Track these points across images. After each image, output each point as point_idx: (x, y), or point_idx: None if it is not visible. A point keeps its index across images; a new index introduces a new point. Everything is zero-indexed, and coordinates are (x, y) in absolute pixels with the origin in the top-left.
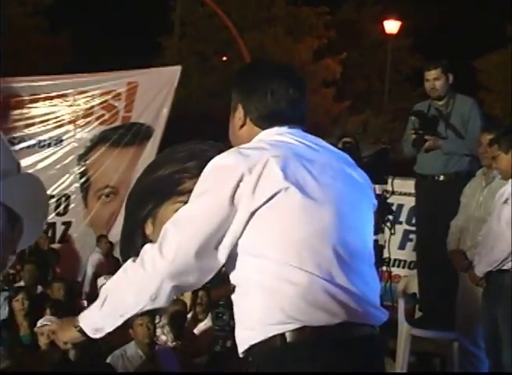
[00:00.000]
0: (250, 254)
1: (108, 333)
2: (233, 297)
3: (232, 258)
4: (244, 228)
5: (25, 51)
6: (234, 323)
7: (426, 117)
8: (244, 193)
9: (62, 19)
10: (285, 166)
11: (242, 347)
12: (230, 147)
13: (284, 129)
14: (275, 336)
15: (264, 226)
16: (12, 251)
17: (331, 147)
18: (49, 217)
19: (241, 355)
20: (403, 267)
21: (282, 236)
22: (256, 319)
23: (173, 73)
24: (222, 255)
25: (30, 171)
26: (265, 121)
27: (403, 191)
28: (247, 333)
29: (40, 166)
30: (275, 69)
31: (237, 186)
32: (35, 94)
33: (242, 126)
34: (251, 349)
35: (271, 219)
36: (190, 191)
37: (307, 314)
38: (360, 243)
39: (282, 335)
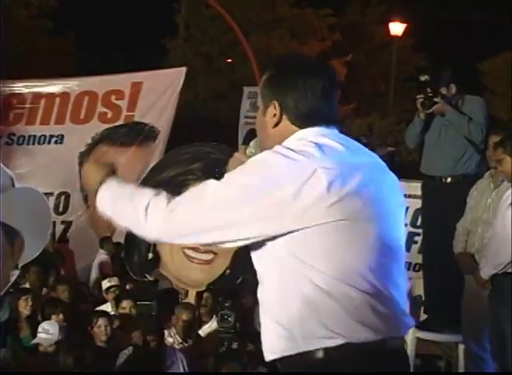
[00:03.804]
0: (293, 262)
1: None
2: (265, 303)
3: (271, 260)
4: (279, 236)
5: (30, 53)
6: (239, 326)
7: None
8: (284, 202)
9: (66, 22)
10: (332, 182)
11: (272, 355)
12: (234, 149)
13: (323, 129)
14: (316, 350)
15: (310, 240)
16: (15, 265)
17: (366, 150)
18: None
19: (268, 361)
20: (408, 269)
21: (330, 250)
22: (297, 330)
23: (178, 74)
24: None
25: (30, 168)
26: (304, 119)
27: (407, 193)
28: (283, 343)
29: (40, 163)
30: (313, 64)
31: (277, 190)
32: (37, 93)
33: (277, 124)
34: (284, 359)
35: (318, 235)
36: None
37: (352, 330)
38: (399, 250)
39: (325, 350)
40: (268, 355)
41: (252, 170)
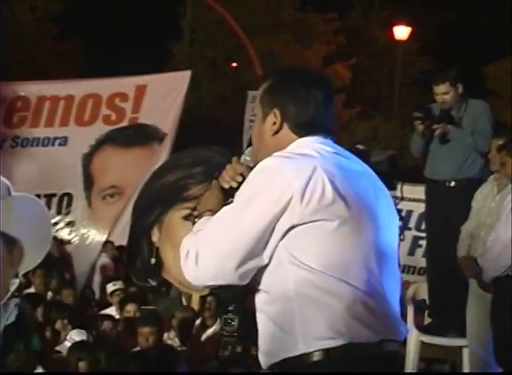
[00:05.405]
0: (291, 263)
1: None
2: (264, 307)
3: (267, 265)
4: (283, 237)
5: (36, 56)
6: (244, 329)
7: (430, 111)
8: (291, 201)
9: (72, 26)
10: (331, 182)
11: (272, 359)
12: (236, 153)
13: (321, 138)
14: (316, 351)
15: (308, 238)
16: (15, 274)
17: (358, 159)
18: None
19: (265, 368)
20: (413, 273)
21: (328, 249)
22: (298, 332)
23: (183, 77)
24: (259, 264)
25: (34, 170)
26: (304, 128)
27: (412, 197)
28: (284, 345)
29: (44, 165)
30: (314, 76)
31: (283, 192)
32: (42, 95)
33: (276, 132)
34: (283, 362)
35: (316, 233)
36: (195, 197)
37: (352, 330)
38: (392, 253)
39: (326, 351)
40: (268, 359)
41: (256, 180)
